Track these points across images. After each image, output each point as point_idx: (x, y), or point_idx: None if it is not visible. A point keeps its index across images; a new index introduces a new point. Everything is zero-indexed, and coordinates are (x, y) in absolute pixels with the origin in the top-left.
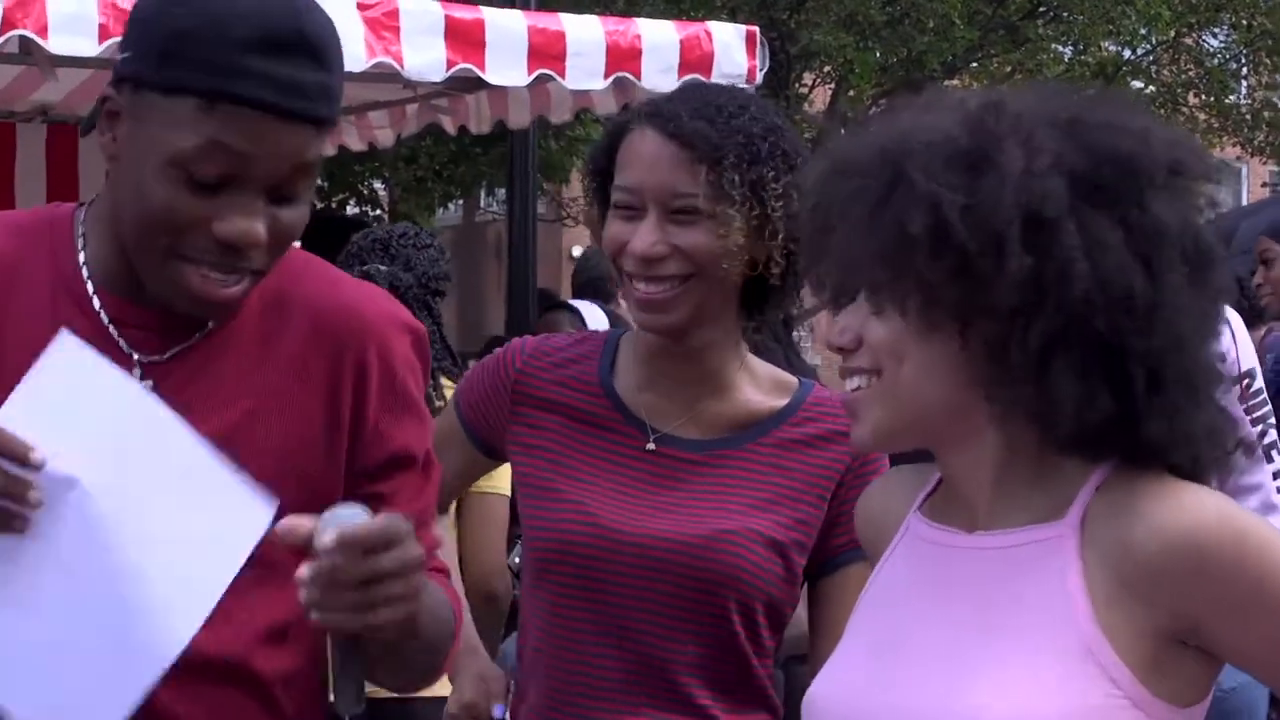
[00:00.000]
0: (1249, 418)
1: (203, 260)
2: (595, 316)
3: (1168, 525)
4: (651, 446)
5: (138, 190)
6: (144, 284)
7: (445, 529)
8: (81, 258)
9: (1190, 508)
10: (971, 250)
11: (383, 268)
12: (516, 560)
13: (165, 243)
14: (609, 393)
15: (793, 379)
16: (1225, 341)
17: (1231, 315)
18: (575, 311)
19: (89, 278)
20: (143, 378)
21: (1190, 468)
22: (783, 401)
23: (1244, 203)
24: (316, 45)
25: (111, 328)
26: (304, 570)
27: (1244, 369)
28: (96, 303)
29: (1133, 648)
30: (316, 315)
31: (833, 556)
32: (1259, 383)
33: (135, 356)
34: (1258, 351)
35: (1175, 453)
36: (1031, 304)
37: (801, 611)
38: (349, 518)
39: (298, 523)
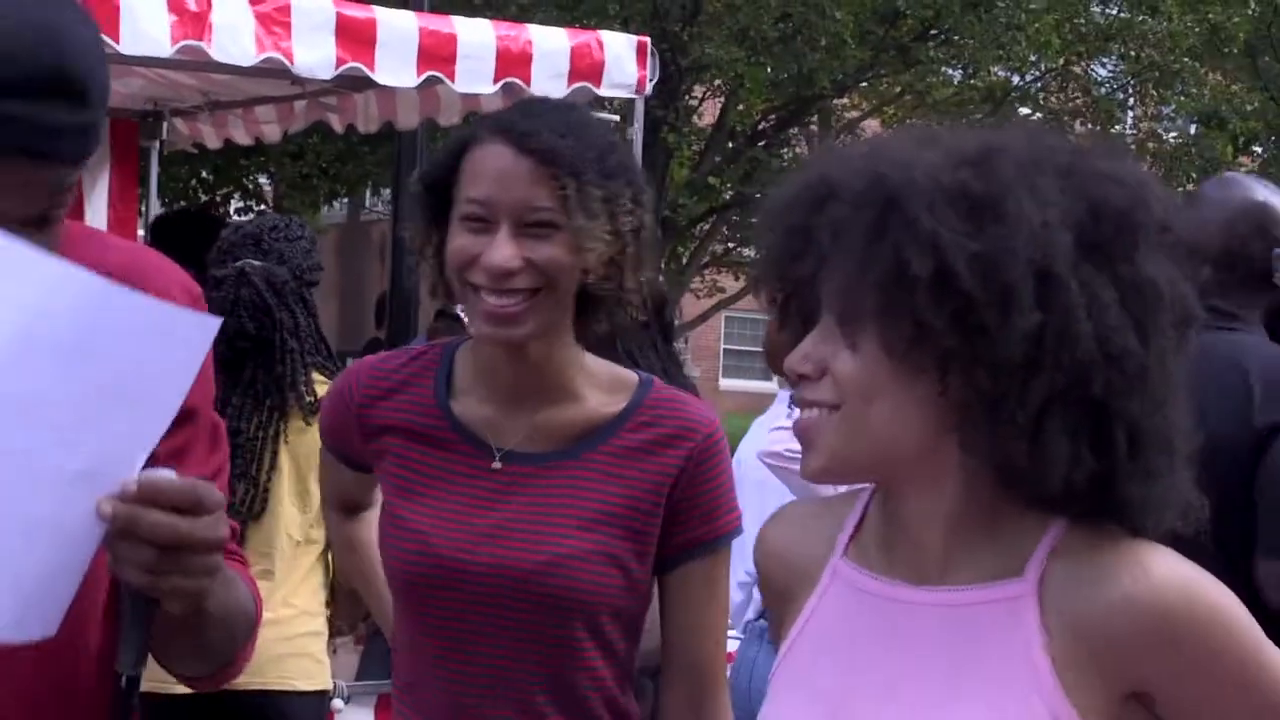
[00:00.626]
0: None
1: None
2: None
3: (1133, 594)
4: (497, 465)
5: None
6: None
7: (366, 524)
8: None
9: (1157, 577)
10: (978, 300)
11: (257, 263)
12: None
13: None
14: (447, 413)
15: (632, 376)
16: None
17: None
18: (461, 320)
19: None
20: None
21: (1152, 530)
22: (621, 404)
23: None
24: (76, 84)
25: None
26: (105, 506)
27: None
28: None
29: (1094, 709)
30: (129, 269)
31: (672, 555)
32: None
33: None
34: None
35: (1146, 517)
36: (1033, 361)
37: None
38: (161, 473)
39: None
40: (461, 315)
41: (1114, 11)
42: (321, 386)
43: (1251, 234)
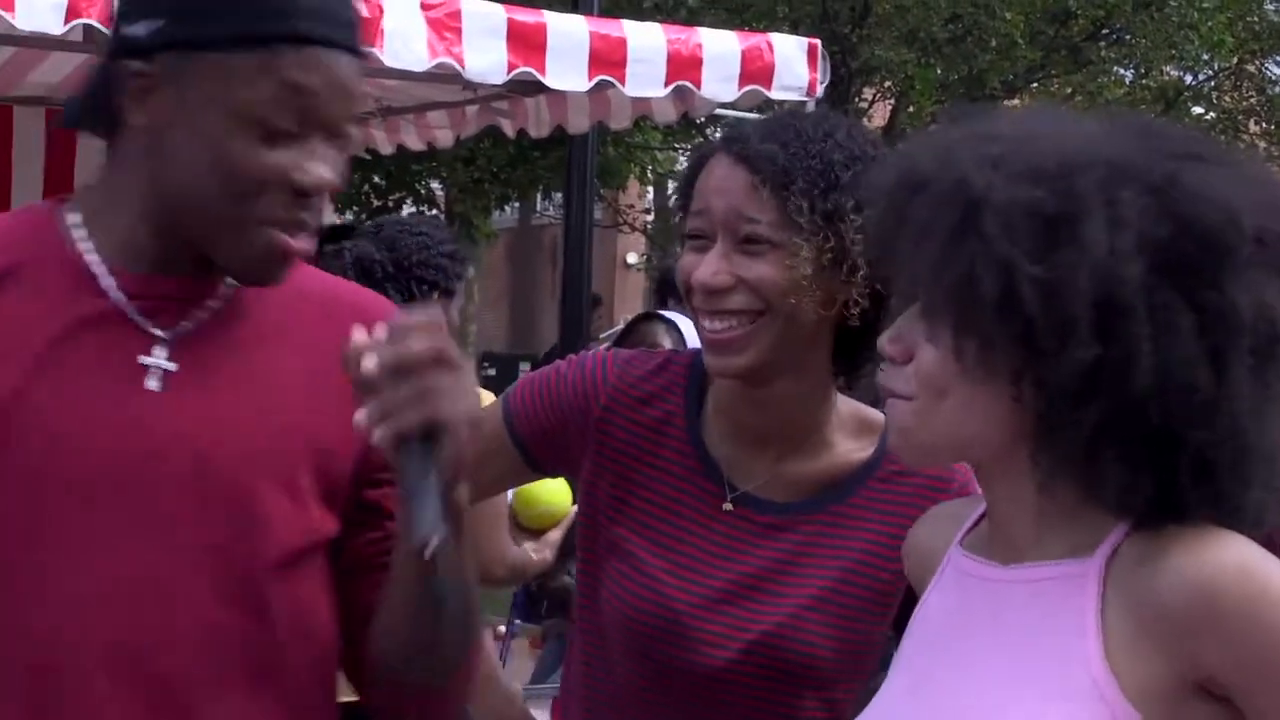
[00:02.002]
0: None
1: (279, 218)
2: (691, 330)
3: (1187, 572)
4: (729, 507)
5: (203, 157)
6: (173, 255)
7: None
8: (89, 244)
9: (1212, 557)
10: (1039, 325)
11: (357, 245)
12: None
13: (244, 205)
14: (694, 440)
15: (879, 417)
16: None
17: None
18: (671, 324)
19: (100, 259)
20: (169, 356)
21: (1231, 525)
22: (869, 449)
23: None
24: None
25: (124, 304)
26: (368, 360)
27: None
28: (110, 282)
29: (1144, 691)
30: (334, 307)
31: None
32: None
33: (157, 333)
34: None
35: (1220, 521)
36: (1086, 390)
37: None
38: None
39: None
40: (668, 317)
41: None
42: None
43: None
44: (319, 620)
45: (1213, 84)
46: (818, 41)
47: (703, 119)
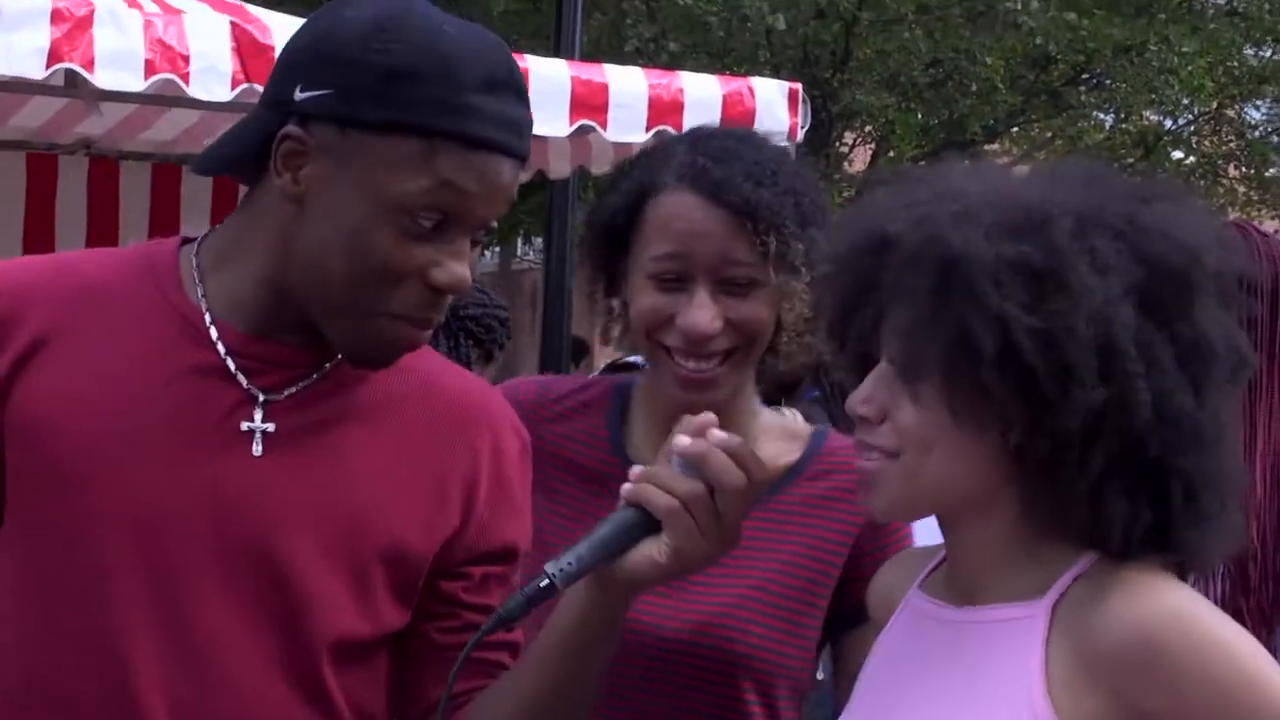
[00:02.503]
0: None
1: (408, 314)
2: None
3: (1125, 616)
4: None
5: (346, 237)
6: (283, 321)
7: None
8: (199, 291)
9: (1151, 603)
10: (1041, 374)
11: None
12: None
13: (372, 294)
14: (619, 452)
15: (805, 427)
16: None
17: None
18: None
19: (208, 310)
20: (264, 418)
21: (1202, 566)
22: (797, 453)
23: None
24: (521, 83)
25: (233, 368)
26: (683, 439)
27: None
28: (215, 335)
29: None
30: (432, 390)
31: (855, 610)
32: None
33: (258, 395)
34: None
35: (1197, 556)
36: (1093, 431)
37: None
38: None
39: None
40: (639, 363)
41: (1267, 54)
42: None
43: None
44: (373, 712)
45: (1192, 129)
46: (799, 86)
47: None
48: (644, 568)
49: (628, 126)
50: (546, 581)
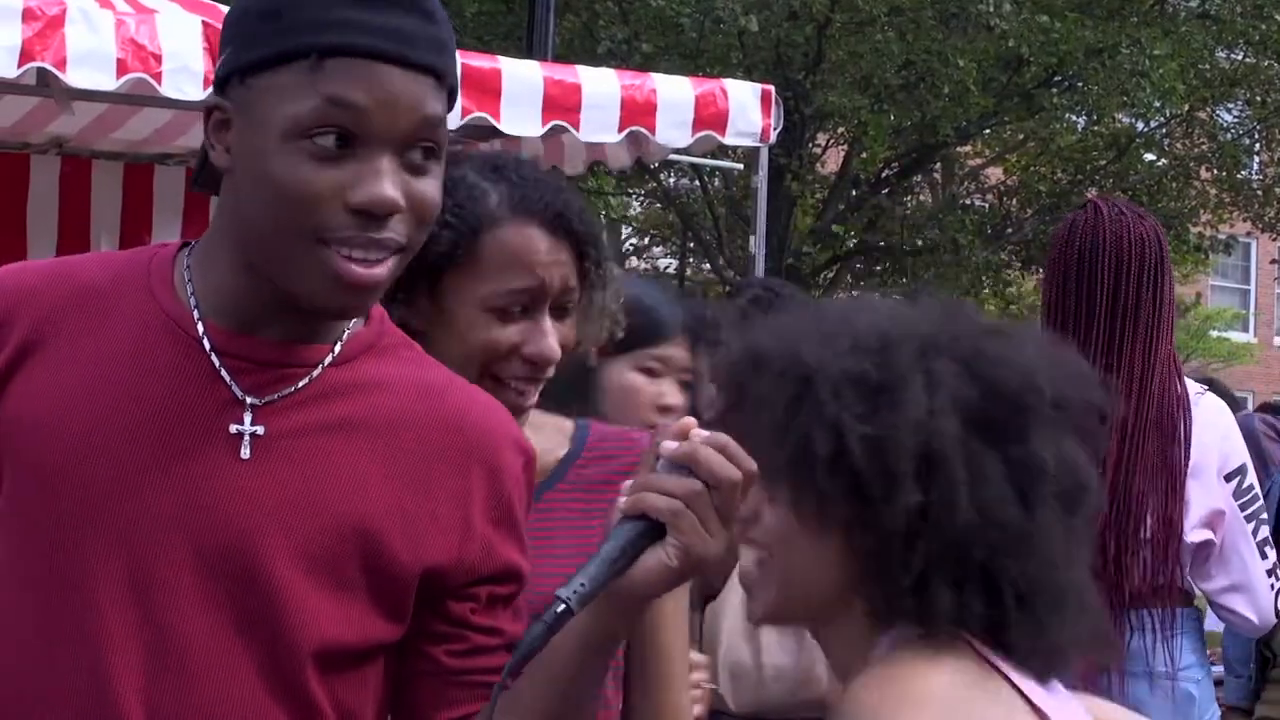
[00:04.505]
0: (1242, 514)
1: (343, 240)
2: None
3: (841, 698)
4: None
5: (260, 181)
6: (263, 310)
7: None
8: (189, 290)
9: (860, 692)
10: (867, 477)
11: None
12: None
13: (301, 226)
14: None
15: (569, 422)
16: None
17: (1221, 408)
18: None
19: (196, 309)
20: (254, 421)
21: (1035, 667)
22: (565, 446)
23: (1253, 279)
24: (423, 2)
25: (221, 369)
26: (668, 442)
27: (1234, 467)
28: (204, 338)
29: None
30: (430, 402)
31: None
32: (1250, 478)
33: (246, 400)
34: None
35: (1033, 662)
36: (916, 530)
37: None
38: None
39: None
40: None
41: (1239, 56)
42: None
43: None
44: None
45: (1164, 131)
46: (771, 87)
47: (656, 164)
48: (655, 574)
49: (600, 127)
50: (563, 607)
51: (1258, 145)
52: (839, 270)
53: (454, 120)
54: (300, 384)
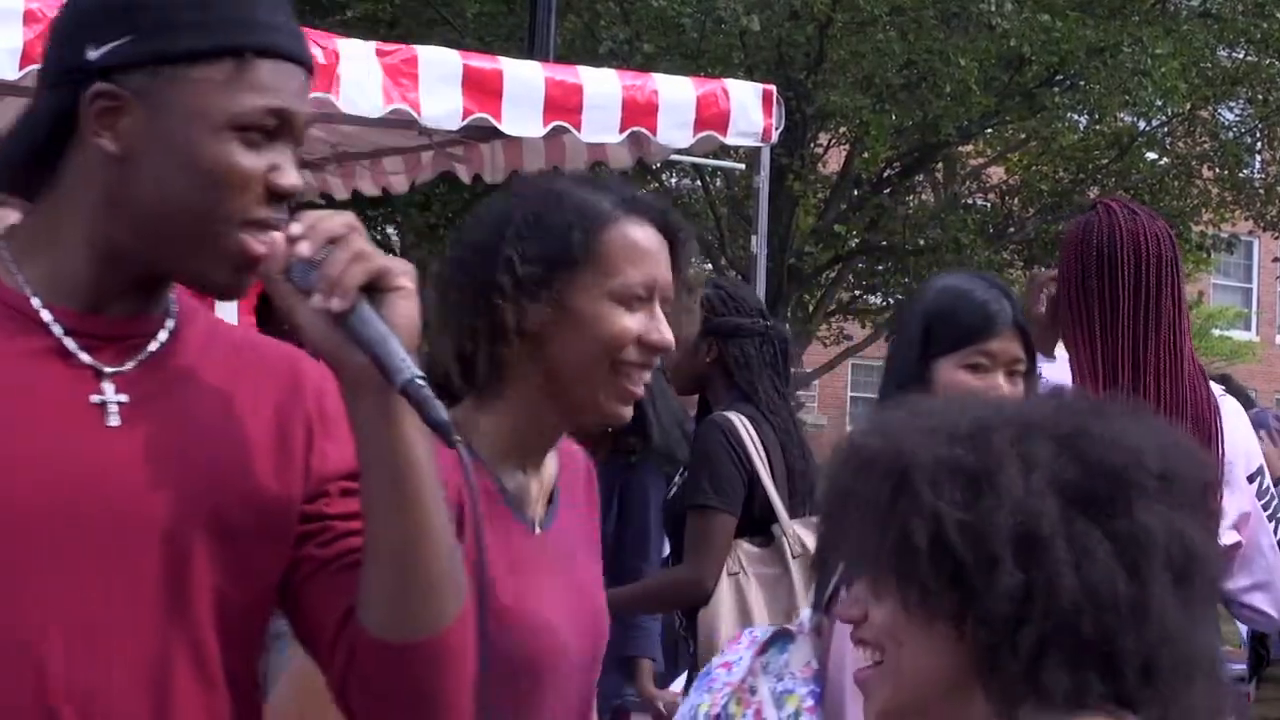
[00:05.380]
0: (1264, 514)
1: (257, 222)
2: None
3: None
4: (539, 531)
5: (185, 168)
6: (110, 291)
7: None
8: (20, 279)
9: None
10: (968, 563)
11: None
12: None
13: (227, 211)
14: (497, 482)
15: None
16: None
17: (1238, 409)
18: None
19: (33, 295)
20: (117, 391)
21: None
22: (554, 463)
23: (1255, 277)
24: None
25: (72, 346)
26: (302, 248)
27: (1254, 468)
28: (47, 316)
29: None
30: (256, 350)
31: None
32: (1268, 478)
33: (106, 370)
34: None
35: None
36: (1022, 612)
37: None
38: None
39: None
40: None
41: (1241, 55)
42: None
43: None
44: (249, 684)
45: (1166, 129)
46: (773, 87)
47: (658, 164)
48: (407, 309)
49: (601, 128)
50: (421, 379)
51: (1259, 144)
52: (841, 270)
53: (455, 121)
54: (151, 349)
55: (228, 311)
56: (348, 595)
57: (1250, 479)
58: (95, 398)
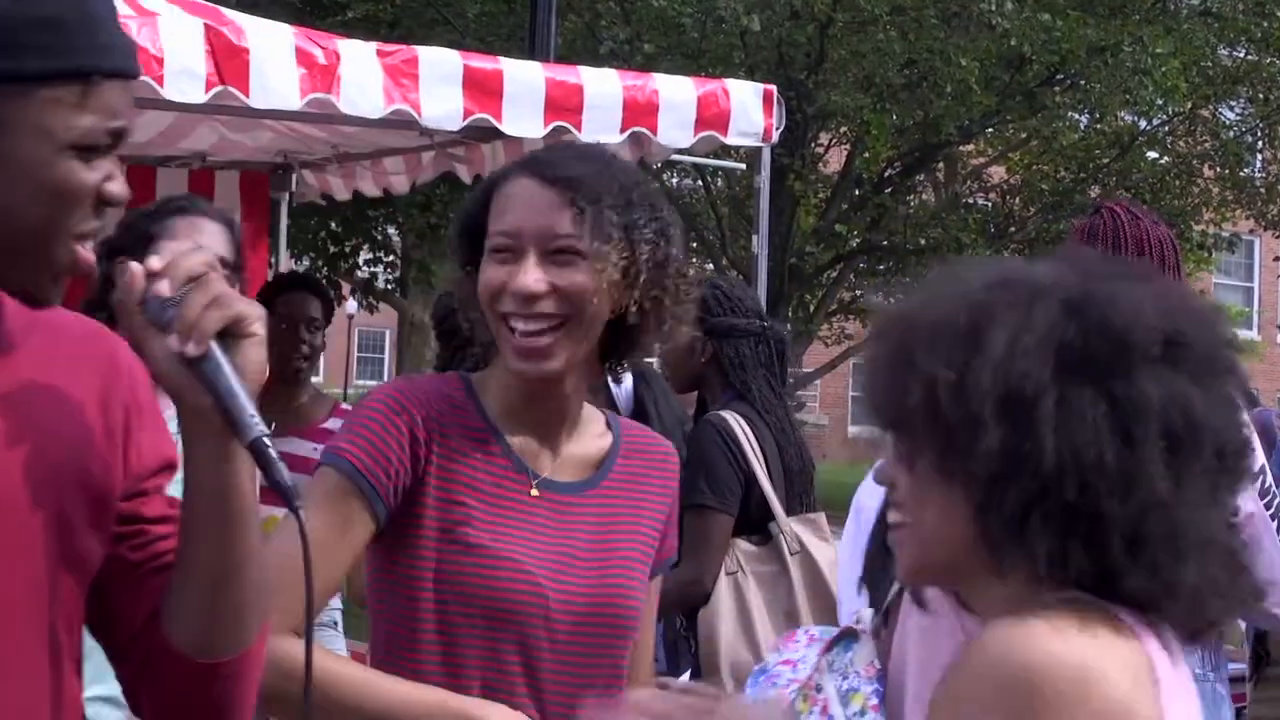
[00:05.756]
0: (1267, 514)
1: (85, 233)
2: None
3: (985, 650)
4: (535, 493)
5: (29, 178)
6: None
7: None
8: None
9: (1016, 639)
10: (954, 423)
11: None
12: None
13: (64, 223)
14: (498, 436)
15: (600, 414)
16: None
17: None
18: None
19: None
20: None
21: (1179, 620)
22: (609, 436)
23: (1257, 276)
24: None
25: None
26: (160, 286)
27: (1257, 466)
28: None
29: None
30: (72, 335)
31: (655, 567)
32: (1269, 477)
33: None
34: None
35: (1160, 606)
36: (1007, 473)
37: None
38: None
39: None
40: None
41: (1241, 54)
42: None
43: None
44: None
45: (1167, 129)
46: (773, 87)
47: (659, 165)
48: (256, 358)
49: (602, 128)
50: (264, 438)
51: (1260, 143)
52: (842, 270)
53: (456, 121)
54: None
55: None
56: (153, 599)
57: (1252, 478)
58: None
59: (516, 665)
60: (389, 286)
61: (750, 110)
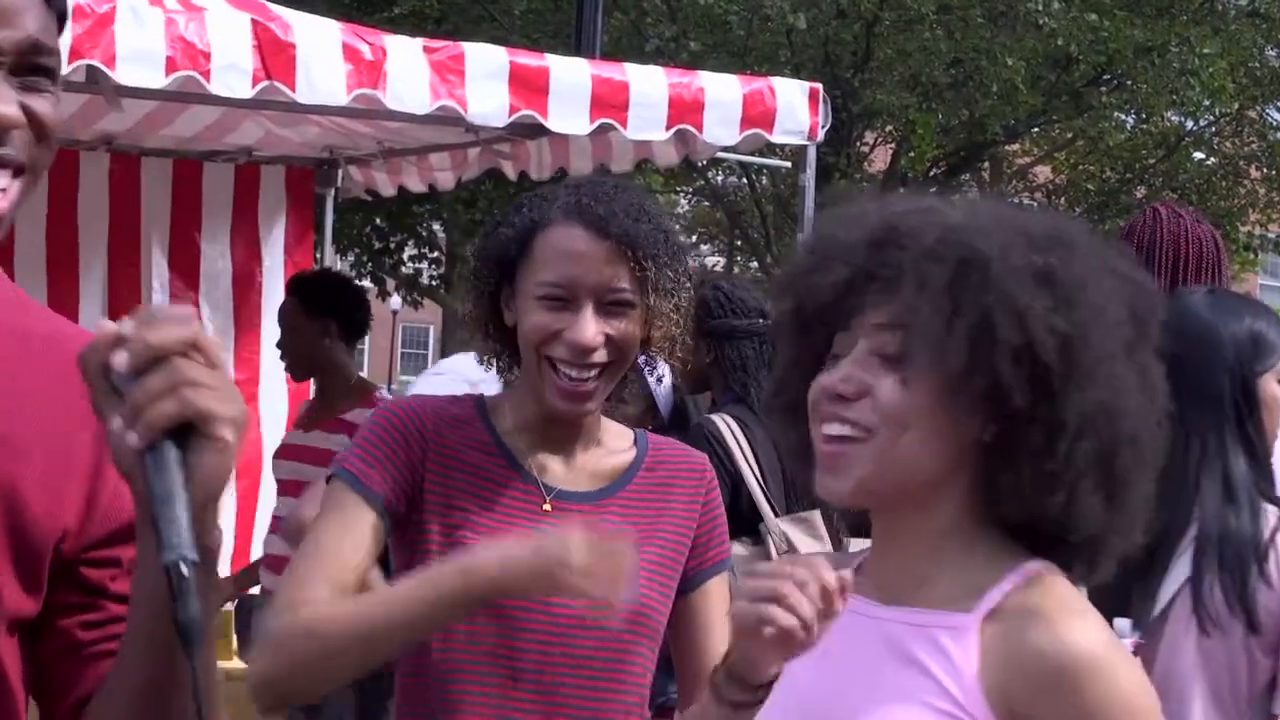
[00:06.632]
0: None
1: None
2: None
3: (1049, 649)
4: (548, 507)
5: None
6: None
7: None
8: None
9: (1075, 635)
10: (1056, 372)
11: None
12: None
13: None
14: (504, 451)
15: (626, 428)
16: None
17: None
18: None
19: None
20: None
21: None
22: (633, 449)
23: None
24: None
25: None
26: (118, 360)
27: None
28: None
29: None
30: (58, 348)
31: (695, 574)
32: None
33: None
34: None
35: (1109, 560)
36: (1083, 429)
37: None
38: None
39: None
40: None
41: None
42: None
43: None
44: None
45: (1214, 129)
46: (819, 86)
47: (704, 162)
48: (216, 466)
49: (648, 125)
50: (188, 567)
51: None
52: None
53: (502, 118)
54: None
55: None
56: (92, 684)
57: None
58: None
59: (525, 666)
60: (433, 282)
61: (796, 108)
